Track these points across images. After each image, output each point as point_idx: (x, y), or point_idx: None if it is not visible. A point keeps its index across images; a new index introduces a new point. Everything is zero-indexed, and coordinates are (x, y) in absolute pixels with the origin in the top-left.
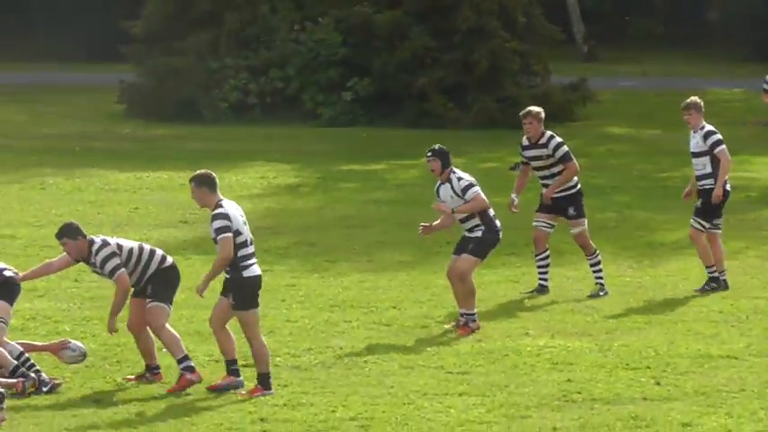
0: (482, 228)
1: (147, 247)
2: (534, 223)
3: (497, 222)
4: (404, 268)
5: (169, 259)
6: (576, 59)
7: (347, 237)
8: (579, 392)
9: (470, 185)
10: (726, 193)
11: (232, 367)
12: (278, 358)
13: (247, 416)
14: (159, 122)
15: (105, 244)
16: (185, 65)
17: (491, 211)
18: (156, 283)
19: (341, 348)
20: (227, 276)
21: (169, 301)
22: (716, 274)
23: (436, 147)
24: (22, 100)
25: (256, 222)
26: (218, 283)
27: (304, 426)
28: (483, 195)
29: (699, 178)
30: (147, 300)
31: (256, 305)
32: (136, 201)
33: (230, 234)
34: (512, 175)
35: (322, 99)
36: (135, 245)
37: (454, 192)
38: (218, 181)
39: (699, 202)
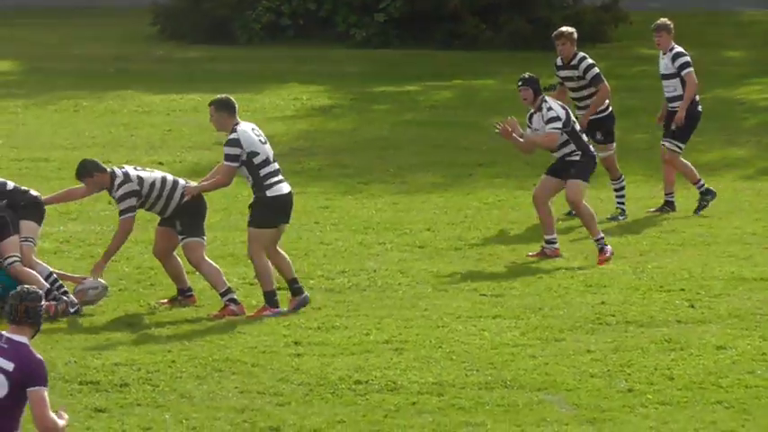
0: (578, 152)
1: (170, 177)
2: None
3: (591, 146)
4: (437, 190)
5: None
6: None
7: (380, 158)
8: (613, 315)
9: (553, 119)
10: (697, 114)
11: (295, 286)
12: (311, 281)
13: (281, 339)
14: (192, 44)
15: (126, 180)
16: None
17: (584, 136)
18: (183, 216)
19: (374, 271)
20: (254, 197)
21: (201, 232)
22: (703, 188)
23: (526, 75)
24: (54, 23)
25: (289, 144)
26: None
27: (338, 349)
28: (557, 135)
29: (669, 100)
30: (180, 237)
31: (274, 225)
32: (169, 123)
33: (234, 164)
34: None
35: (354, 20)
36: (158, 176)
37: (543, 121)
38: (236, 105)
39: (673, 125)
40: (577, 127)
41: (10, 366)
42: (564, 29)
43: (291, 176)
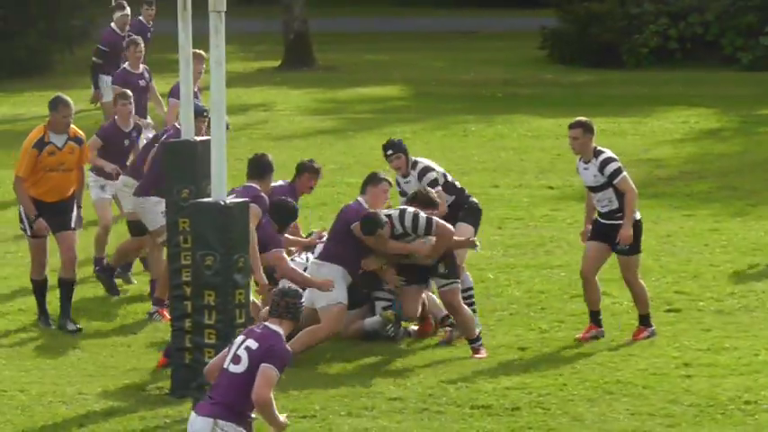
0: None
1: None
2: None
3: None
4: None
5: None
6: None
7: None
8: None
9: None
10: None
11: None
12: (701, 303)
13: (671, 360)
14: (581, 68)
15: None
16: (606, 10)
17: None
18: None
19: (764, 292)
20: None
21: None
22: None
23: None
24: (441, 47)
25: (678, 167)
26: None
27: (727, 369)
28: None
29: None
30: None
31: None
32: (558, 147)
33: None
34: None
35: (741, 44)
36: None
37: None
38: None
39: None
40: None
41: (255, 345)
42: None
43: (680, 199)
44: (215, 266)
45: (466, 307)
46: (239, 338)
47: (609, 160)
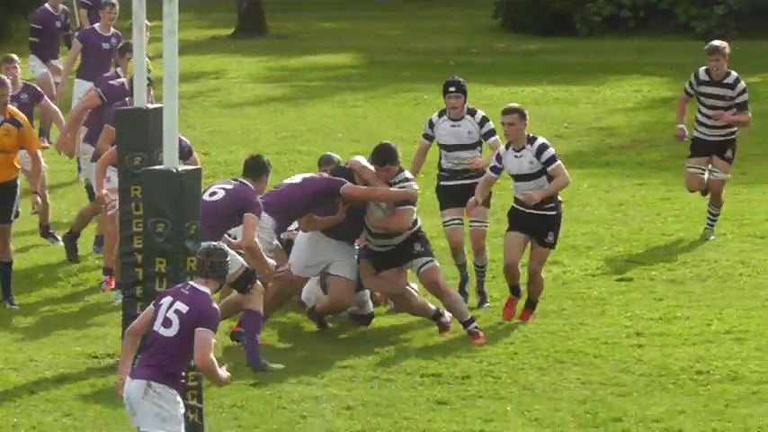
0: None
1: None
2: None
3: None
4: None
5: None
6: None
7: None
8: None
9: None
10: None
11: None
12: (653, 272)
13: (623, 330)
14: (533, 36)
15: None
16: None
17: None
18: None
19: (715, 261)
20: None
21: None
22: None
23: None
24: (394, 16)
25: (631, 136)
26: None
27: (679, 339)
28: None
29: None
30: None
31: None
32: None
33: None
34: None
35: (695, 12)
36: None
37: None
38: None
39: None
40: None
41: (185, 309)
42: (718, 43)
43: (632, 168)
44: (166, 234)
45: (449, 287)
46: (167, 299)
47: (546, 146)
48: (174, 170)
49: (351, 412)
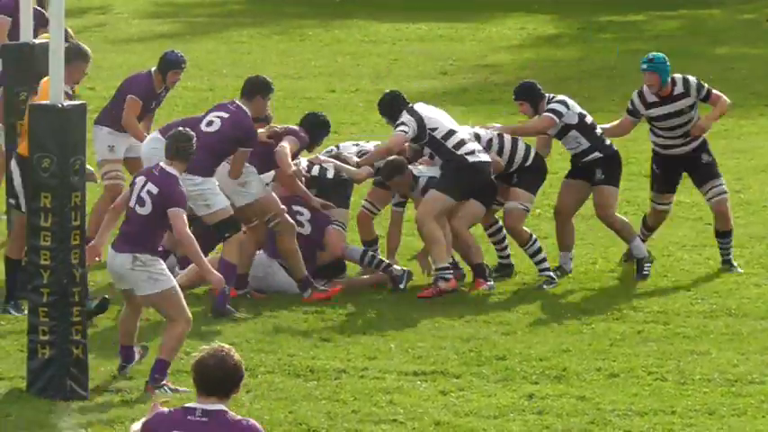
0: None
1: None
2: None
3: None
4: None
5: None
6: None
7: (607, 88)
8: None
9: None
10: None
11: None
12: (537, 210)
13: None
14: None
15: None
16: None
17: None
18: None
19: None
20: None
21: None
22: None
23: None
24: None
25: (516, 73)
26: None
27: (564, 278)
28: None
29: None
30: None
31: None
32: (395, 52)
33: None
34: None
35: None
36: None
37: None
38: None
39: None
40: None
41: (155, 190)
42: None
43: (516, 106)
44: (51, 169)
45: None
46: (140, 179)
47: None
48: (60, 105)
49: (235, 348)
